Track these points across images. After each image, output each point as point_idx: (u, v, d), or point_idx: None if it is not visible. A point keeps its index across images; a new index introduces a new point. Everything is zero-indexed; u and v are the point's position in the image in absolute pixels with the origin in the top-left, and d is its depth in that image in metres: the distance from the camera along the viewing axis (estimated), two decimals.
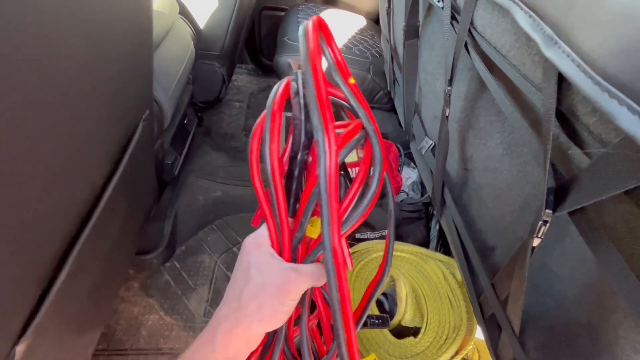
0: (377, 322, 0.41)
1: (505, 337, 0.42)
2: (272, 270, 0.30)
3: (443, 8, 0.49)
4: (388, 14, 0.90)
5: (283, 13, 1.45)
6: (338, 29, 1.28)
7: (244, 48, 1.67)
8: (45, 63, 0.37)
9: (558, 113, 0.29)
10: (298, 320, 0.34)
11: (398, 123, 1.12)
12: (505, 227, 0.44)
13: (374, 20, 1.47)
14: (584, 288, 0.31)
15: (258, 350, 0.31)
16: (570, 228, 0.31)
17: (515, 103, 0.35)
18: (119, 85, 0.56)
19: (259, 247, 0.32)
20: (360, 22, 1.39)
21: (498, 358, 0.46)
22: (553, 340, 0.36)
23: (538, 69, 0.32)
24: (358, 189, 0.29)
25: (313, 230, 0.31)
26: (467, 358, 0.68)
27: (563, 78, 0.27)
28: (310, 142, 0.32)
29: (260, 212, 0.33)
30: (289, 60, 0.36)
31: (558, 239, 0.34)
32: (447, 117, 0.52)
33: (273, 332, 0.31)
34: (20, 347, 0.41)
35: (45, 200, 0.41)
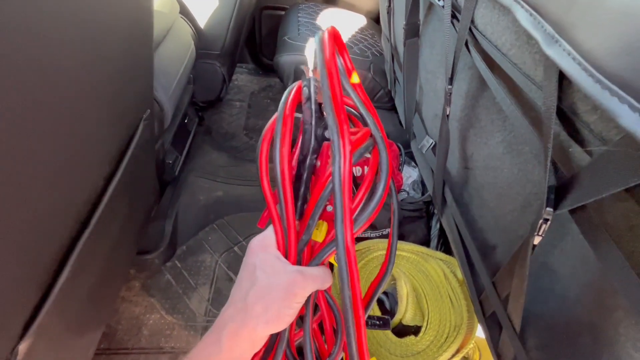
0: (378, 323, 0.41)
1: (506, 335, 0.42)
2: (278, 273, 0.30)
3: (444, 7, 0.49)
4: (388, 13, 0.90)
5: (283, 12, 1.45)
6: (338, 28, 1.28)
7: (245, 47, 1.67)
8: (45, 63, 0.37)
9: (559, 111, 0.29)
10: (299, 322, 0.34)
11: (399, 122, 1.12)
12: (506, 225, 0.44)
13: (374, 19, 1.47)
14: (585, 286, 0.31)
15: (260, 352, 0.32)
16: (571, 226, 0.31)
17: (516, 101, 0.35)
18: (119, 85, 0.56)
19: (265, 249, 0.32)
20: (361, 21, 1.39)
21: (499, 357, 0.46)
22: (554, 339, 0.36)
23: (539, 68, 0.32)
24: (365, 194, 0.29)
25: (319, 234, 0.32)
26: (467, 357, 0.68)
27: (564, 76, 0.26)
28: (320, 146, 0.32)
29: (267, 213, 0.33)
30: (302, 67, 0.37)
31: (559, 237, 0.33)
32: (447, 115, 0.52)
33: (276, 333, 0.32)
34: (22, 347, 0.41)
35: (46, 201, 0.41)
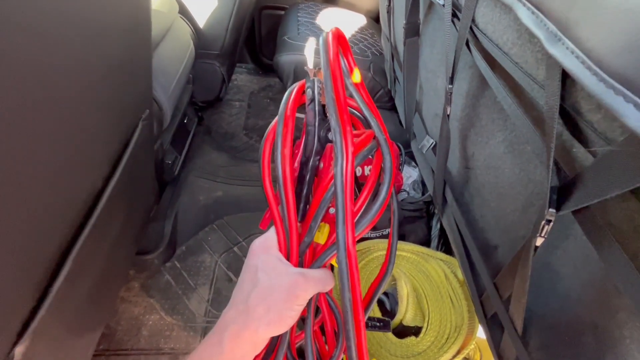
0: (378, 325, 0.41)
1: (508, 336, 0.42)
2: (280, 275, 0.30)
3: (444, 5, 0.49)
4: (388, 12, 0.90)
5: (283, 12, 1.45)
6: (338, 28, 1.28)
7: (244, 47, 1.67)
8: (44, 62, 0.37)
9: (561, 110, 0.28)
10: (300, 324, 0.34)
11: (399, 122, 1.11)
12: (508, 226, 0.43)
13: (374, 19, 1.47)
14: (588, 287, 0.31)
15: (261, 354, 0.31)
16: (574, 226, 0.31)
17: (517, 100, 0.34)
18: (118, 85, 0.56)
19: (267, 250, 0.32)
20: (360, 20, 1.38)
21: (500, 358, 0.46)
22: (556, 340, 0.36)
23: (541, 66, 0.32)
24: (368, 196, 0.29)
25: (320, 236, 0.31)
26: (468, 357, 0.68)
27: (567, 75, 0.26)
28: (323, 148, 0.32)
29: (269, 215, 0.33)
30: (305, 68, 0.37)
31: (561, 238, 0.33)
32: (448, 115, 0.52)
33: (277, 335, 0.31)
34: (20, 348, 0.40)
35: (44, 201, 0.41)
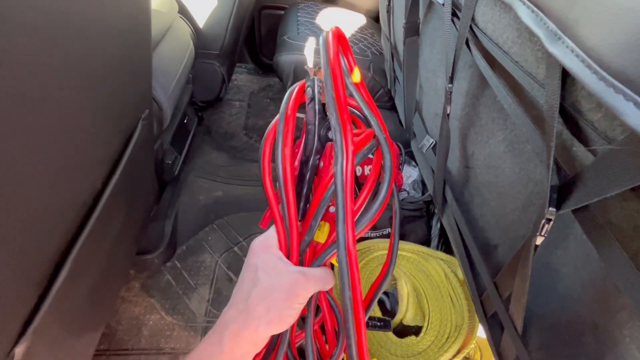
0: (379, 324, 0.41)
1: (508, 336, 0.42)
2: (280, 274, 0.30)
3: (444, 5, 0.49)
4: (388, 12, 0.90)
5: (283, 12, 1.44)
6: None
7: (244, 47, 1.67)
8: (44, 62, 0.37)
9: (561, 109, 0.28)
10: (300, 323, 0.34)
11: (399, 121, 1.11)
12: (508, 225, 0.43)
13: (374, 19, 1.47)
14: (588, 286, 0.31)
15: (262, 353, 0.31)
16: (574, 226, 0.31)
17: (517, 100, 0.34)
18: (118, 85, 0.56)
19: (267, 249, 0.32)
20: (360, 20, 1.38)
21: (500, 357, 0.46)
22: (556, 339, 0.36)
23: (541, 65, 0.32)
24: (368, 194, 0.29)
25: (321, 235, 0.31)
26: (468, 357, 0.68)
27: (567, 74, 0.26)
28: (323, 147, 0.32)
29: (270, 214, 0.33)
30: (306, 67, 0.37)
31: (561, 237, 0.33)
32: (448, 114, 0.52)
33: (277, 334, 0.31)
34: (20, 348, 0.40)
35: (44, 201, 0.41)
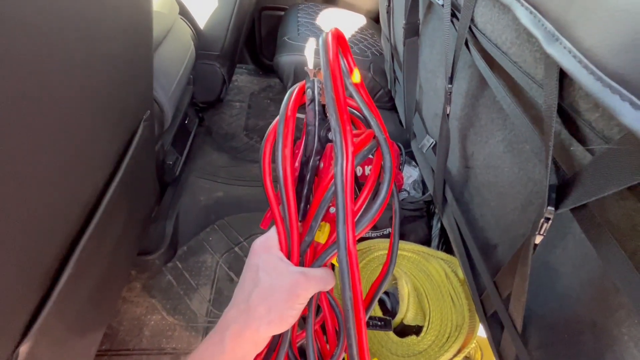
0: (379, 324, 0.41)
1: (508, 335, 0.42)
2: (281, 274, 0.30)
3: (443, 6, 0.49)
4: (388, 13, 0.90)
5: (283, 13, 1.45)
6: (338, 28, 1.28)
7: (244, 48, 1.67)
8: (45, 63, 0.37)
9: (560, 109, 0.29)
10: (301, 323, 0.34)
11: (399, 121, 1.12)
12: (507, 224, 0.43)
13: (374, 19, 1.47)
14: (587, 285, 0.31)
15: (263, 353, 0.32)
16: (573, 225, 0.31)
17: (516, 100, 0.35)
18: (119, 86, 0.56)
19: (268, 250, 0.32)
20: (360, 20, 1.38)
21: (500, 356, 0.46)
22: (556, 338, 0.36)
23: (539, 66, 0.32)
24: (368, 195, 0.29)
25: (321, 235, 0.32)
26: (469, 356, 0.68)
27: (564, 74, 0.26)
28: (323, 147, 0.32)
29: (270, 214, 0.33)
30: (305, 68, 0.37)
31: (560, 236, 0.33)
32: (447, 115, 0.52)
33: (278, 334, 0.32)
34: (24, 347, 0.41)
35: (46, 202, 0.41)
